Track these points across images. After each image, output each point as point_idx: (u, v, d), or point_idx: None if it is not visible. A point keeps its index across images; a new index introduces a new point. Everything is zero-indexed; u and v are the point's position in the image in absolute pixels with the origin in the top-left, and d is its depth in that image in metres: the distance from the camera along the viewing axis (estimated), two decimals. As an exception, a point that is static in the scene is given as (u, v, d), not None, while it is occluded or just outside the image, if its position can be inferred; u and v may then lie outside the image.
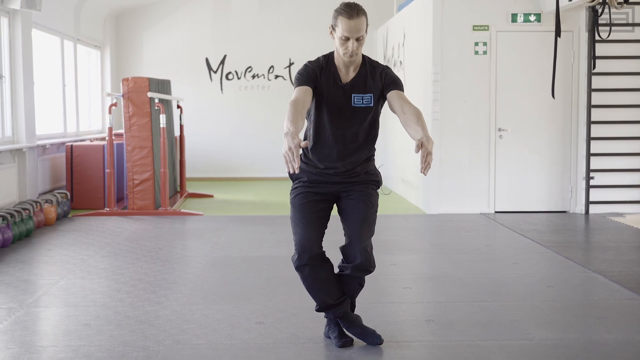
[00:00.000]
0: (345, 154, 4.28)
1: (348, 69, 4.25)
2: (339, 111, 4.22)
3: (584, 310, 5.32)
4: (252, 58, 14.60)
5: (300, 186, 4.36)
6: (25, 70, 9.27)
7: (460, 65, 9.79)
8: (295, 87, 4.17)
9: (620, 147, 9.83)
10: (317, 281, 4.28)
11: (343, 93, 4.23)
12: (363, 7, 4.18)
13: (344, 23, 4.08)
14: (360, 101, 4.24)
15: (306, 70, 4.20)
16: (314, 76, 4.19)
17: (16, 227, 7.77)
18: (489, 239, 8.26)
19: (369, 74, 4.26)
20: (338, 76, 4.24)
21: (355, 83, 4.25)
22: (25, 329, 4.82)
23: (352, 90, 4.24)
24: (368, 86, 4.25)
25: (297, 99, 4.05)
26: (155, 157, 9.90)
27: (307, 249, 4.21)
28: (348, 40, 4.11)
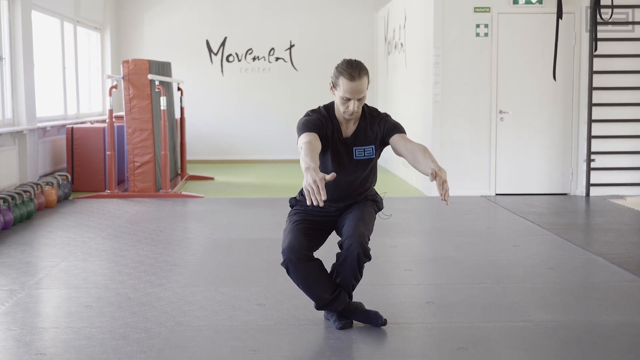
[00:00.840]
0: (346, 197, 4.33)
1: (348, 122, 4.28)
2: (341, 164, 4.24)
3: (584, 292, 5.33)
4: (252, 40, 14.56)
5: (300, 211, 4.37)
6: (25, 52, 9.25)
7: (462, 47, 9.76)
8: (302, 133, 4.12)
9: (622, 130, 9.82)
10: (309, 279, 4.23)
11: (345, 147, 4.26)
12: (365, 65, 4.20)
13: (346, 84, 4.10)
14: (362, 154, 4.28)
15: (312, 120, 4.18)
16: (320, 125, 4.18)
17: (17, 209, 7.77)
18: (489, 221, 8.26)
19: (368, 125, 4.29)
20: (339, 130, 4.27)
21: (357, 136, 4.28)
22: (27, 311, 4.83)
23: (354, 144, 4.28)
24: (368, 138, 4.28)
25: (310, 140, 4.02)
26: (155, 140, 9.90)
27: (295, 249, 4.15)
28: (349, 101, 4.13)
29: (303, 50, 14.63)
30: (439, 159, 9.77)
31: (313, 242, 4.28)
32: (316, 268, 4.25)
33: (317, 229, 4.32)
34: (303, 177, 3.66)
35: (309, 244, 4.23)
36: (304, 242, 4.20)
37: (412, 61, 11.07)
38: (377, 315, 4.45)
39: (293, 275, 4.22)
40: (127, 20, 14.46)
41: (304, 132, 4.09)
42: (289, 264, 4.17)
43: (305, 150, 3.89)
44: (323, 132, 4.17)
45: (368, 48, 14.54)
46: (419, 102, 10.57)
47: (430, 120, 9.88)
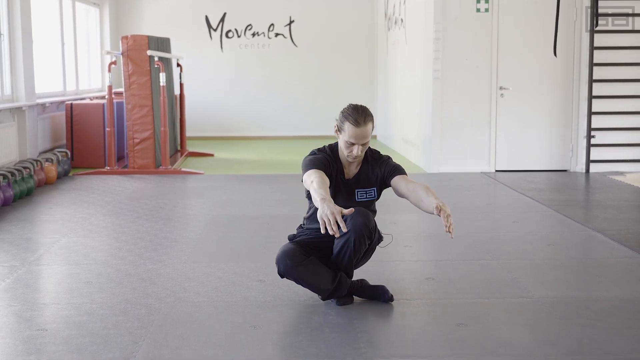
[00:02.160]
0: None
1: (351, 164, 4.35)
2: (342, 204, 4.23)
3: (583, 268, 5.35)
4: (252, 16, 14.49)
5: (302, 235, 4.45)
6: (23, 28, 9.21)
7: (462, 23, 9.72)
8: (309, 169, 4.14)
9: (622, 106, 9.80)
10: (308, 277, 4.26)
11: (347, 188, 4.33)
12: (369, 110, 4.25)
13: (351, 129, 4.17)
14: (364, 196, 4.36)
15: (319, 159, 4.22)
16: (327, 164, 4.23)
17: (17, 185, 7.77)
18: (489, 197, 8.27)
19: (370, 167, 4.36)
20: (342, 171, 4.34)
21: (359, 179, 4.36)
22: (28, 287, 4.84)
23: (356, 186, 4.35)
24: (370, 180, 4.36)
25: (320, 175, 4.07)
26: (155, 116, 9.88)
27: (289, 253, 4.21)
28: (353, 145, 4.20)
29: (303, 26, 14.57)
30: (439, 135, 9.77)
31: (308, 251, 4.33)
32: (313, 264, 4.27)
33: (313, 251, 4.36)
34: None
35: (303, 250, 4.30)
36: (298, 248, 4.28)
37: (412, 37, 11.03)
38: (384, 290, 4.47)
39: (292, 278, 4.27)
40: (126, -5, 14.39)
41: (312, 169, 4.14)
42: (286, 268, 4.22)
43: (318, 183, 3.97)
44: (329, 172, 4.24)
45: (368, 24, 14.48)
46: (419, 78, 10.54)
47: (430, 97, 9.86)
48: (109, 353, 3.69)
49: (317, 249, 4.37)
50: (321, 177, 4.05)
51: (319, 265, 4.30)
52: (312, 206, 4.39)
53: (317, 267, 4.28)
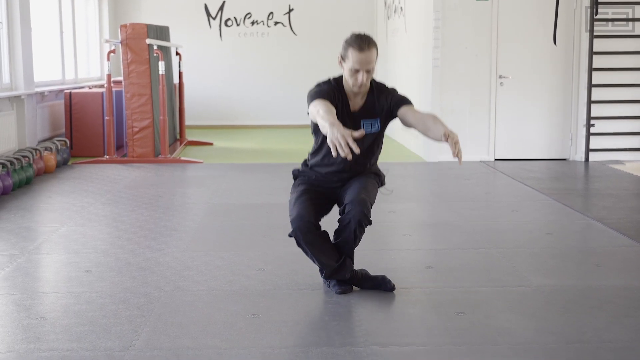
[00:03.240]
0: (351, 168, 4.34)
1: (357, 96, 4.29)
2: None
3: (582, 257, 5.35)
4: (251, 4, 14.46)
5: (303, 182, 4.43)
6: (22, 16, 9.17)
7: (462, 11, 9.69)
8: (314, 99, 4.11)
9: (621, 95, 9.79)
10: (317, 247, 4.27)
11: (353, 121, 4.27)
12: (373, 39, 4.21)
13: (355, 55, 4.12)
14: (369, 127, 4.30)
15: (324, 90, 4.19)
16: (332, 95, 4.18)
17: (16, 174, 7.77)
18: (488, 186, 8.27)
19: (376, 99, 4.31)
20: (347, 104, 4.28)
21: (364, 110, 4.30)
22: (27, 276, 4.85)
23: (362, 117, 4.30)
24: (376, 111, 4.30)
25: (326, 103, 4.02)
26: (154, 105, 9.86)
27: (304, 220, 4.19)
28: (358, 72, 4.15)
29: (302, 15, 14.53)
30: (438, 124, 9.74)
31: (319, 212, 4.33)
32: (323, 237, 4.30)
33: (322, 198, 4.37)
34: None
35: (316, 215, 4.27)
36: (312, 211, 4.24)
37: (411, 25, 11.00)
38: (385, 280, 4.47)
39: (302, 244, 4.26)
40: (125, -16, 14.35)
41: (317, 99, 4.09)
42: (298, 233, 4.20)
43: (325, 110, 3.90)
44: (334, 102, 4.17)
45: (367, 12, 14.44)
46: (419, 67, 10.52)
47: (429, 85, 9.84)
48: (108, 342, 3.69)
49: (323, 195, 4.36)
50: (327, 105, 3.99)
51: (329, 242, 4.33)
52: (318, 141, 4.35)
53: (326, 241, 4.31)
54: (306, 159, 4.50)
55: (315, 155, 4.41)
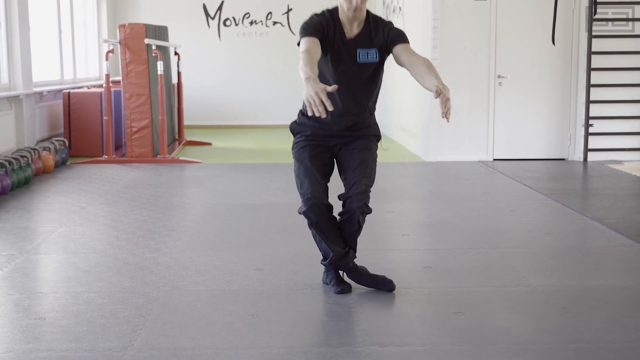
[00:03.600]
0: (349, 110, 4.28)
1: (352, 24, 4.24)
2: (344, 67, 4.20)
3: (581, 257, 5.35)
4: (250, 4, 14.45)
5: (303, 140, 4.38)
6: (21, 16, 9.17)
7: (461, 11, 9.69)
8: (302, 37, 4.12)
9: (620, 95, 9.79)
10: (330, 231, 4.30)
11: (348, 49, 4.22)
12: None
13: None
14: (366, 57, 4.23)
15: (313, 22, 4.16)
16: (321, 28, 4.15)
17: (14, 174, 7.76)
18: (487, 186, 8.27)
19: (372, 29, 4.25)
20: (343, 32, 4.23)
21: (360, 38, 4.24)
22: (26, 276, 4.84)
23: (357, 45, 4.23)
24: (373, 41, 4.24)
25: (309, 48, 4.01)
26: (153, 105, 9.86)
27: (316, 202, 4.21)
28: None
29: (301, 15, 14.50)
30: (437, 123, 9.76)
31: (326, 181, 4.31)
32: (333, 222, 4.32)
33: (325, 157, 4.33)
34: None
35: (324, 188, 4.27)
36: (321, 189, 4.24)
37: (410, 25, 11.00)
38: (385, 280, 4.47)
39: (313, 226, 4.28)
40: (123, -16, 14.34)
41: (304, 37, 4.09)
42: (311, 215, 4.22)
43: (304, 60, 3.88)
44: (324, 34, 4.15)
45: (366, 12, 14.42)
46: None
47: (428, 85, 9.82)
48: (107, 342, 3.69)
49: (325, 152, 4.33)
50: (309, 51, 3.96)
51: (336, 228, 4.33)
52: None
53: (335, 226, 4.32)
54: (301, 108, 4.42)
55: None
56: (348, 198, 4.25)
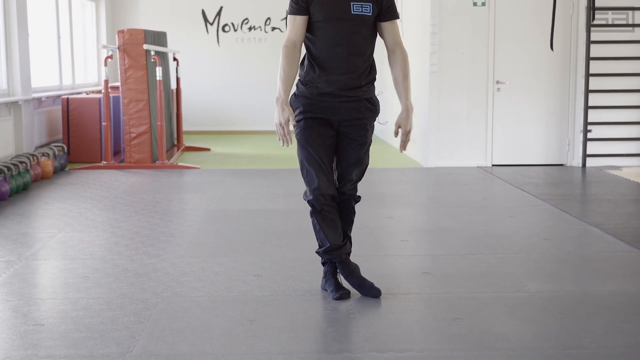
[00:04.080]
0: (346, 66, 4.24)
1: None
2: (337, 19, 4.18)
3: (580, 262, 5.35)
4: (248, 10, 14.47)
5: (302, 119, 4.30)
6: (19, 22, 9.18)
7: (459, 17, 9.71)
8: (289, 14, 4.25)
9: (619, 100, 9.81)
10: (331, 222, 4.35)
11: (341, 1, 4.20)
12: None
13: None
14: (360, 9, 4.21)
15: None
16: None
17: (13, 180, 7.76)
18: (486, 192, 8.27)
19: None
20: None
21: None
22: (24, 282, 4.84)
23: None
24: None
25: (291, 42, 4.20)
26: (151, 110, 9.86)
27: (321, 192, 4.26)
28: None
29: (299, 20, 14.52)
30: (436, 129, 9.77)
31: (330, 164, 4.33)
32: (335, 212, 4.37)
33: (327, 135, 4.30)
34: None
35: (329, 174, 4.30)
36: (326, 177, 4.27)
37: (409, 31, 11.01)
38: (372, 287, 4.47)
39: (316, 214, 4.34)
40: (122, -11, 14.36)
41: (290, 14, 4.24)
42: (316, 204, 4.29)
43: (281, 66, 4.17)
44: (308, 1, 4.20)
45: (365, 18, 14.43)
46: (416, 72, 10.52)
47: (427, 91, 9.85)
48: (105, 348, 3.69)
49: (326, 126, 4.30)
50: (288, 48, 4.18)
51: (338, 219, 4.38)
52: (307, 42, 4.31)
53: (337, 217, 4.37)
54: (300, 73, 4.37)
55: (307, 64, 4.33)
56: (340, 191, 4.40)
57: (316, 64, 4.25)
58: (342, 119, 4.29)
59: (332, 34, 4.18)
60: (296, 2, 4.23)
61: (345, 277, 4.49)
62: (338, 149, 4.37)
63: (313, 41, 4.25)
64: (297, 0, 4.22)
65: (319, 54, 4.24)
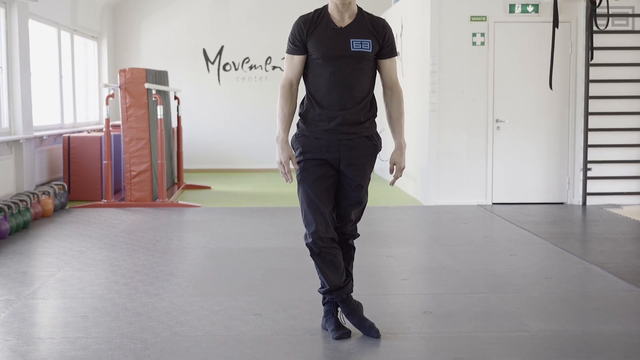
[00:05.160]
0: (345, 102, 4.25)
1: (343, 15, 4.26)
2: (336, 57, 4.20)
3: (581, 301, 5.33)
4: (249, 49, 14.57)
5: (302, 160, 4.32)
6: (22, 61, 9.25)
7: (458, 56, 9.78)
8: (286, 53, 4.31)
9: (618, 139, 9.84)
10: (330, 263, 4.34)
11: (340, 37, 4.22)
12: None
13: None
14: (359, 46, 4.23)
15: (294, 31, 4.28)
16: (300, 38, 4.25)
17: (13, 218, 7.76)
18: (486, 230, 8.26)
19: (368, 22, 4.27)
20: (333, 23, 4.25)
21: (353, 27, 4.25)
22: (23, 321, 4.82)
23: (350, 35, 4.23)
24: (367, 31, 4.25)
25: (287, 81, 4.29)
26: (152, 149, 9.89)
27: (319, 236, 4.26)
28: None
29: (300, 59, 14.61)
30: (436, 168, 9.78)
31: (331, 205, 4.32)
32: (336, 252, 4.35)
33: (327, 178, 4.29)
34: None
35: (329, 217, 4.30)
36: (325, 220, 4.27)
37: (408, 70, 11.08)
38: (372, 327, 4.44)
39: (316, 259, 4.33)
40: (124, 29, 14.47)
41: (287, 53, 4.30)
42: (314, 247, 4.29)
43: (279, 106, 4.27)
44: (307, 37, 4.23)
45: (365, 57, 14.52)
46: (416, 111, 10.58)
47: (427, 129, 9.89)
48: (104, 388, 3.66)
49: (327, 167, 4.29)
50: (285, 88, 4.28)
51: (340, 259, 4.37)
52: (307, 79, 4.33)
53: (338, 259, 4.35)
54: (300, 111, 4.39)
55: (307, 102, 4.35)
56: (341, 231, 4.43)
57: (315, 101, 4.27)
58: (341, 159, 4.29)
59: (331, 71, 4.20)
60: (293, 42, 4.27)
61: (346, 316, 4.47)
62: (337, 188, 4.37)
63: (312, 79, 4.28)
64: (294, 40, 4.26)
65: (318, 91, 4.26)
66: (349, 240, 4.48)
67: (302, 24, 4.26)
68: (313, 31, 4.23)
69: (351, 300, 4.47)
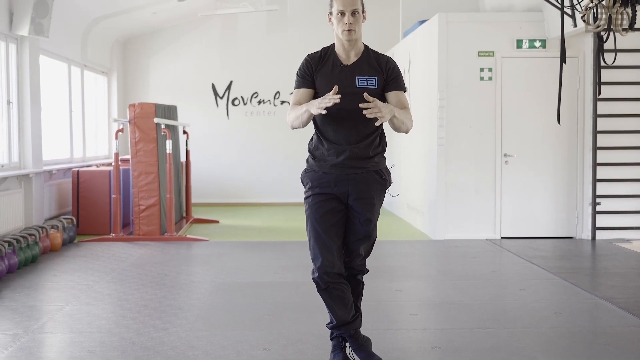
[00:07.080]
0: (353, 137, 4.27)
1: (349, 53, 4.31)
2: (343, 93, 4.19)
3: (591, 337, 5.29)
4: (258, 84, 14.66)
5: (311, 195, 4.33)
6: (32, 96, 9.32)
7: (466, 91, 9.81)
8: (295, 88, 4.34)
9: (627, 173, 9.82)
10: (338, 299, 4.31)
11: (346, 75, 4.27)
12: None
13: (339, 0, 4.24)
14: (365, 83, 4.27)
15: (302, 68, 4.33)
16: (309, 72, 4.31)
17: (22, 252, 7.77)
18: (495, 264, 8.23)
19: (373, 59, 4.33)
20: (339, 60, 4.31)
21: (358, 65, 4.30)
22: (31, 355, 4.80)
23: (355, 72, 4.28)
24: (372, 69, 4.30)
25: (299, 101, 4.29)
26: (161, 183, 9.92)
27: (326, 271, 4.24)
28: (344, 16, 4.20)
29: (308, 94, 14.67)
30: (444, 202, 9.78)
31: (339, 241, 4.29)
32: (344, 287, 4.33)
33: (335, 213, 4.29)
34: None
35: (337, 252, 4.27)
36: (333, 255, 4.25)
37: (416, 104, 11.12)
38: (379, 361, 4.43)
39: (323, 294, 4.30)
40: (134, 64, 14.59)
41: (295, 89, 4.32)
42: (320, 283, 4.26)
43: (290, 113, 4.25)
44: (315, 73, 4.28)
45: (373, 92, 14.58)
46: (424, 146, 10.60)
47: (435, 164, 9.90)
48: None
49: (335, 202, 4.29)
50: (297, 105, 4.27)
51: (348, 294, 4.34)
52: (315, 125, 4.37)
53: (346, 294, 4.32)
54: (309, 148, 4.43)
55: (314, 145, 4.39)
56: (350, 266, 4.41)
57: (323, 137, 4.30)
58: (350, 193, 4.29)
59: (338, 108, 4.21)
60: (302, 76, 4.32)
61: (354, 351, 4.45)
62: (346, 223, 4.37)
63: (320, 116, 4.29)
64: (303, 75, 4.31)
65: (326, 127, 4.29)
66: (357, 276, 4.46)
67: (310, 61, 4.32)
68: (320, 69, 4.29)
69: (359, 335, 4.45)
